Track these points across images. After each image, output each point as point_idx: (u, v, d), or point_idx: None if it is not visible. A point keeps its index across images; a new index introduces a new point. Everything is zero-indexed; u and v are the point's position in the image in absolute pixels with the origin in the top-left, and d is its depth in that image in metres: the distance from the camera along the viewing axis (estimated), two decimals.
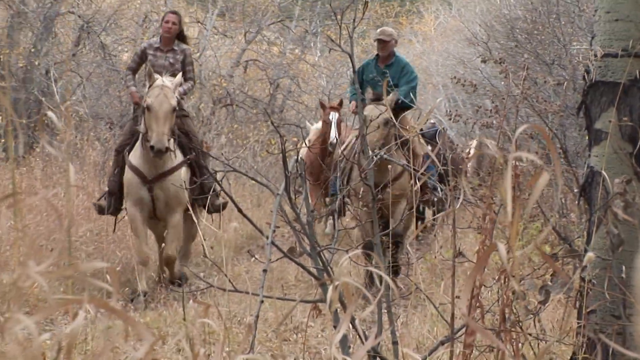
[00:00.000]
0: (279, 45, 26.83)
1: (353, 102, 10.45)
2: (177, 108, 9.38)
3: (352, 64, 4.79)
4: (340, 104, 13.07)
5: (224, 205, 10.32)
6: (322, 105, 13.15)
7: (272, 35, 26.92)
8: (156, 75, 9.44)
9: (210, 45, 24.29)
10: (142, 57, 10.43)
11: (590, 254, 2.86)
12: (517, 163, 3.92)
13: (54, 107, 16.61)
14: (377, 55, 10.60)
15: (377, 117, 9.13)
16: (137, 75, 10.60)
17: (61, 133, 14.82)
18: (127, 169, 9.71)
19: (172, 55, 10.29)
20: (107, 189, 10.27)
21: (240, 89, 24.16)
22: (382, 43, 10.44)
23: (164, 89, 9.26)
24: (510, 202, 1.91)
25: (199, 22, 25.16)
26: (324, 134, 12.74)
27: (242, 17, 25.47)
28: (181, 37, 10.48)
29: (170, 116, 9.23)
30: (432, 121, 14.00)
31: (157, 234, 10.37)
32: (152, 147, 9.02)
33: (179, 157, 9.77)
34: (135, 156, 9.66)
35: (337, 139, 12.12)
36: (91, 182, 13.55)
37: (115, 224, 10.21)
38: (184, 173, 9.77)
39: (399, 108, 9.81)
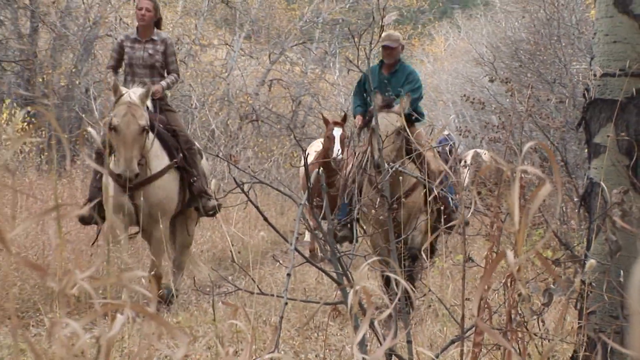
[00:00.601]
0: (300, 66, 26.91)
1: (358, 117, 9.01)
2: (146, 128, 7.91)
3: (369, 84, 4.79)
4: (344, 119, 11.85)
5: (218, 207, 8.95)
6: (325, 121, 11.89)
7: (295, 56, 27.02)
8: (123, 89, 8.02)
9: (237, 65, 24.40)
10: (120, 52, 8.94)
11: (592, 261, 2.85)
12: (522, 175, 3.91)
13: (93, 123, 16.71)
14: (382, 61, 9.09)
15: (388, 126, 8.07)
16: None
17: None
18: (104, 174, 8.14)
19: (151, 46, 8.82)
20: (88, 196, 8.86)
21: (265, 106, 24.32)
22: (388, 49, 8.93)
23: (132, 106, 7.81)
24: (517, 213, 1.91)
25: (227, 44, 25.30)
26: (327, 149, 11.43)
27: (267, 39, 25.64)
28: (157, 25, 9.00)
29: (139, 137, 7.82)
30: (445, 132, 13.75)
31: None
32: (119, 175, 7.65)
33: (164, 160, 8.42)
34: (114, 160, 7.95)
35: (340, 155, 10.90)
36: None
37: (97, 236, 8.75)
38: (172, 178, 8.47)
39: (406, 119, 8.35)
